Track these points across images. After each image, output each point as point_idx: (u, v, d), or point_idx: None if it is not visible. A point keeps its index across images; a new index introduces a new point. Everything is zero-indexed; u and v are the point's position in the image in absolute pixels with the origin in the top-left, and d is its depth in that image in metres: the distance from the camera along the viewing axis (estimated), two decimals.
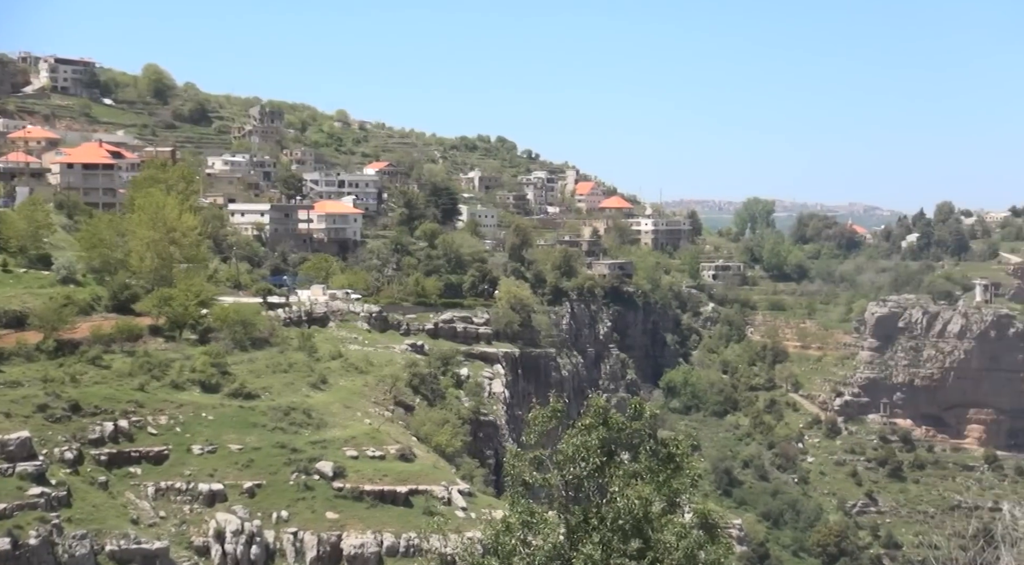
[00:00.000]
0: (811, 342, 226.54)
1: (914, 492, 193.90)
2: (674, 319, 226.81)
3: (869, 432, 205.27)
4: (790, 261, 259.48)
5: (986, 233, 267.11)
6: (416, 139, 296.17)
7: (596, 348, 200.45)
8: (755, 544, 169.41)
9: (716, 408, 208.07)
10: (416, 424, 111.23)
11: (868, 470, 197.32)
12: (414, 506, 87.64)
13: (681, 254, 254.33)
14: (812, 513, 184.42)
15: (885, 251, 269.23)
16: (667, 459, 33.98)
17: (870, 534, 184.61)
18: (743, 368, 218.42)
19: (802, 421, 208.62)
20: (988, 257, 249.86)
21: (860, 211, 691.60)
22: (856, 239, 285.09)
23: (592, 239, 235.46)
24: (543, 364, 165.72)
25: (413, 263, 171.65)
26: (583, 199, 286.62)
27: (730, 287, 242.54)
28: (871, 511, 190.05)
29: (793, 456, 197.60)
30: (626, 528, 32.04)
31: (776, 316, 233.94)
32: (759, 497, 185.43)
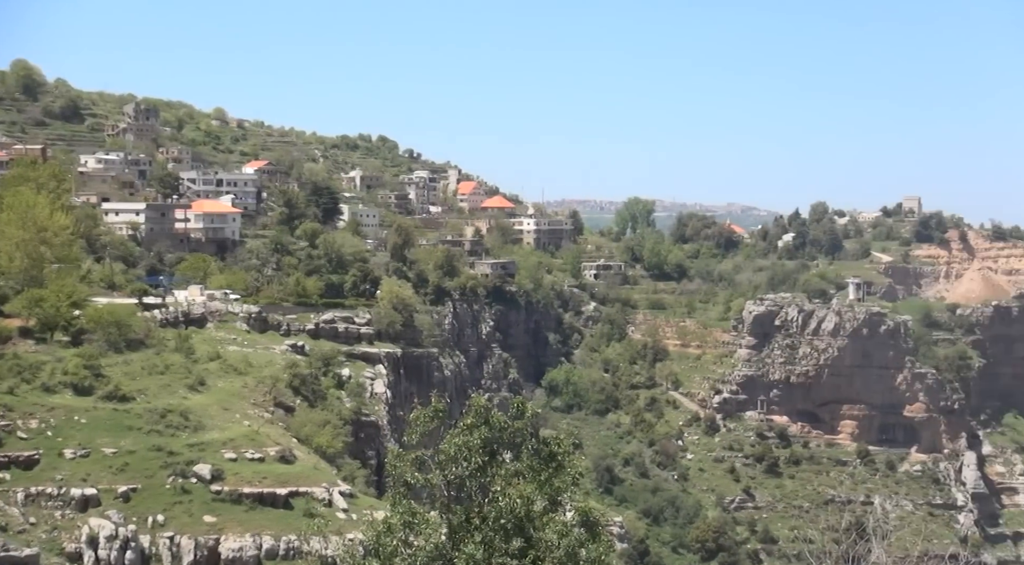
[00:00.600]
0: (691, 340, 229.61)
1: (790, 487, 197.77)
2: (556, 318, 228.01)
3: (747, 429, 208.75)
4: (670, 260, 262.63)
5: (858, 233, 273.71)
6: (296, 138, 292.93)
7: (478, 348, 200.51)
8: (635, 541, 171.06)
9: (597, 407, 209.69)
10: (296, 425, 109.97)
11: (746, 466, 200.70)
12: (294, 508, 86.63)
13: (563, 254, 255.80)
14: (691, 509, 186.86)
15: (762, 250, 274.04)
16: (549, 458, 34.08)
17: (747, 529, 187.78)
18: (624, 367, 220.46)
19: (682, 419, 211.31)
20: (860, 256, 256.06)
21: (738, 211, 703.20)
22: (734, 239, 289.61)
23: (474, 239, 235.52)
24: (425, 364, 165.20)
25: (293, 263, 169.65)
26: (465, 199, 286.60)
27: (611, 286, 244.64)
28: (748, 507, 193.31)
29: (673, 453, 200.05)
30: (508, 527, 31.99)
31: (656, 315, 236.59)
32: (639, 494, 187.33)
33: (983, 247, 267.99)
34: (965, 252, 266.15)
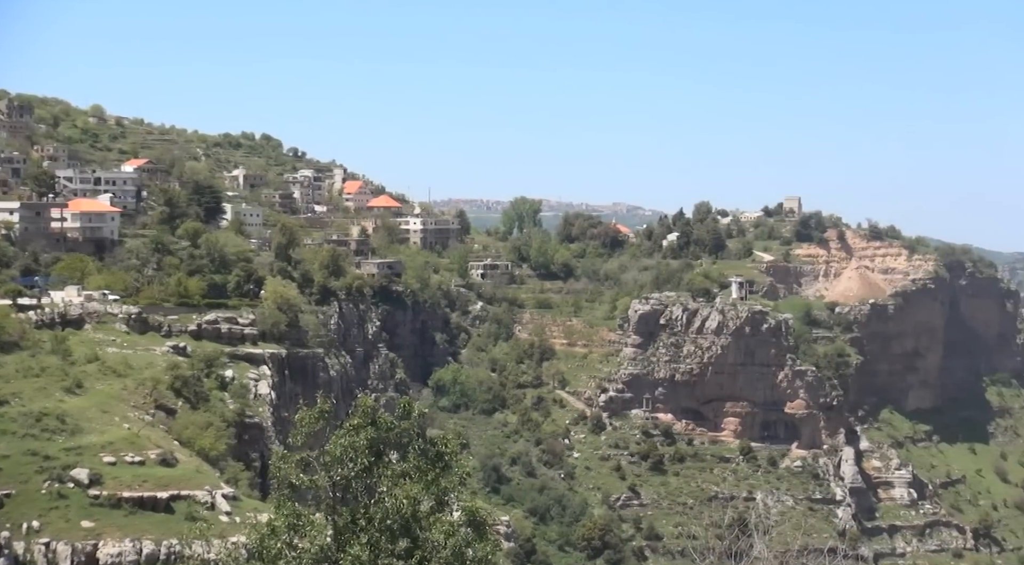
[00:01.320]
0: (577, 340, 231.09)
1: (674, 484, 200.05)
2: (443, 318, 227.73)
3: (632, 427, 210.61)
4: (557, 260, 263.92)
5: (741, 232, 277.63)
6: (177, 136, 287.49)
7: (365, 348, 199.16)
8: (522, 540, 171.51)
9: (485, 406, 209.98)
10: (178, 428, 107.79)
11: (631, 464, 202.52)
12: (175, 512, 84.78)
13: (450, 253, 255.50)
14: (578, 508, 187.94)
15: (647, 250, 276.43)
16: (436, 458, 33.96)
17: (633, 526, 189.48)
18: (511, 366, 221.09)
19: (568, 417, 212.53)
20: (743, 255, 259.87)
21: (624, 211, 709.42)
22: (620, 238, 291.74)
23: (360, 238, 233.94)
24: (311, 365, 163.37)
25: (175, 263, 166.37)
26: (351, 198, 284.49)
27: (498, 286, 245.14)
28: (634, 504, 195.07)
29: (560, 452, 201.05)
30: (394, 528, 31.81)
31: (543, 314, 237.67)
32: (526, 493, 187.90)
33: (860, 246, 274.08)
34: (843, 251, 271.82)
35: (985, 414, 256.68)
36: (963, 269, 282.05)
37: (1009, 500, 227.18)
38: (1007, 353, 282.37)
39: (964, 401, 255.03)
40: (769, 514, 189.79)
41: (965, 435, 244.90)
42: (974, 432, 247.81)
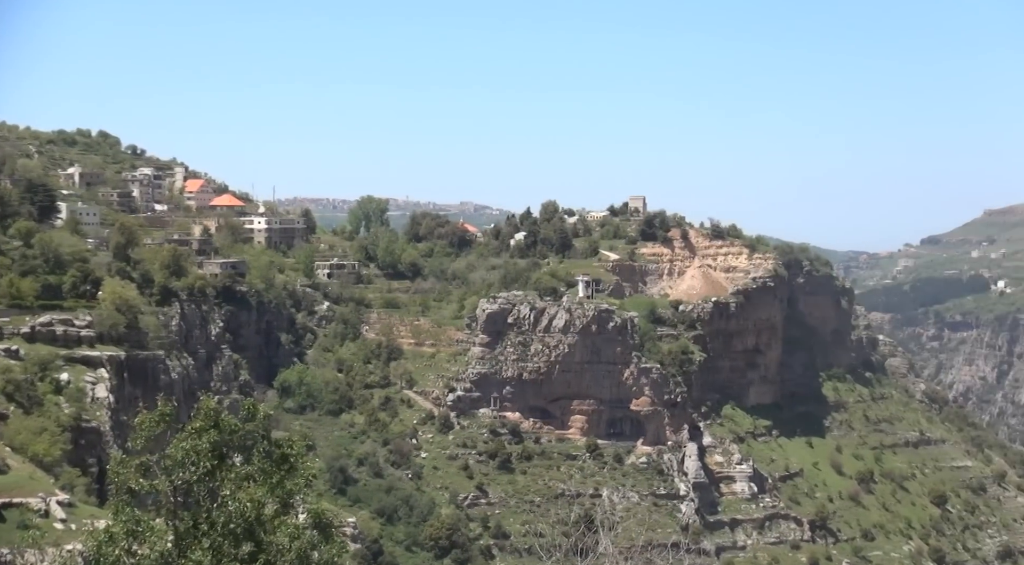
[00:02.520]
0: (425, 339, 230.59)
1: (522, 483, 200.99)
2: (289, 318, 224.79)
3: (480, 426, 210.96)
4: (404, 259, 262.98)
5: (587, 231, 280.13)
6: (8, 132, 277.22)
7: (208, 349, 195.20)
8: (369, 541, 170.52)
9: (331, 407, 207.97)
10: (10, 434, 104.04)
11: (479, 463, 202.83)
12: (7, 520, 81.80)
13: (295, 253, 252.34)
14: (425, 508, 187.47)
15: (495, 249, 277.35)
16: (281, 460, 33.50)
17: (480, 525, 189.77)
18: (358, 366, 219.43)
19: (416, 417, 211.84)
20: (589, 254, 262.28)
21: (471, 210, 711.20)
22: (467, 237, 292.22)
23: (203, 238, 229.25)
24: (151, 367, 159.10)
25: (7, 263, 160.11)
26: (193, 197, 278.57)
27: (345, 285, 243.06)
28: (482, 503, 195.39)
29: (407, 452, 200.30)
30: (237, 532, 31.33)
31: (391, 314, 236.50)
32: (374, 494, 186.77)
33: (703, 245, 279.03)
34: (687, 250, 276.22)
35: (822, 409, 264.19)
36: (801, 267, 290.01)
37: (844, 492, 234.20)
38: (842, 349, 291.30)
39: (802, 396, 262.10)
40: (615, 510, 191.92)
41: (803, 429, 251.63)
42: (811, 426, 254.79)
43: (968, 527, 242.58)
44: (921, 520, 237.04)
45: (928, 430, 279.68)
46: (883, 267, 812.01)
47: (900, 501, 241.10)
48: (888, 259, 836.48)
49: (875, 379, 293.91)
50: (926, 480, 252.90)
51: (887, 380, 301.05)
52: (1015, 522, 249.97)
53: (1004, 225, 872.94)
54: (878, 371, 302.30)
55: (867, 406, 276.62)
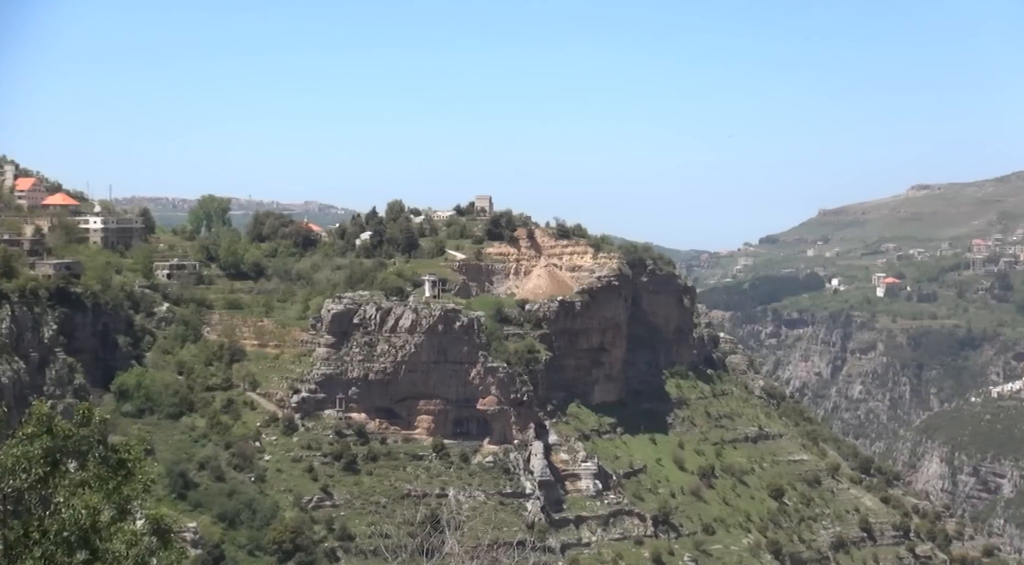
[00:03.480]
0: (269, 340, 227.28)
1: (368, 484, 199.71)
2: (127, 320, 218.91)
3: (325, 427, 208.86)
4: (247, 259, 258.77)
5: (433, 231, 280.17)
6: None
7: (40, 353, 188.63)
8: (210, 546, 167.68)
9: (171, 410, 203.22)
10: None
11: (324, 465, 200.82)
12: None
13: (133, 253, 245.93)
14: (268, 511, 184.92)
15: (340, 249, 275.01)
16: (118, 465, 32.76)
17: (325, 528, 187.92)
18: (199, 368, 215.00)
19: (259, 420, 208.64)
20: (436, 254, 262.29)
21: (316, 209, 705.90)
22: (312, 237, 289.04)
23: (35, 238, 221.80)
24: None
25: None
26: (24, 195, 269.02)
27: (186, 286, 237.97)
28: (326, 505, 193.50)
29: (250, 455, 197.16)
30: (71, 540, 30.51)
31: (233, 315, 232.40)
32: (215, 498, 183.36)
33: (549, 245, 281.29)
34: (533, 250, 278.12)
35: (665, 405, 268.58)
36: (644, 266, 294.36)
37: (686, 487, 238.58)
38: (685, 347, 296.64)
39: (646, 393, 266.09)
40: (461, 510, 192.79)
41: (647, 426, 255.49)
42: (655, 423, 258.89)
43: (804, 519, 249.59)
44: (759, 513, 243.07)
45: (767, 425, 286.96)
46: (724, 266, 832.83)
47: (740, 495, 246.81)
48: (728, 258, 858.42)
49: (716, 376, 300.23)
50: (764, 474, 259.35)
51: (728, 377, 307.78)
52: (847, 513, 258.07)
53: (837, 224, 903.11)
54: (719, 368, 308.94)
55: (708, 402, 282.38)
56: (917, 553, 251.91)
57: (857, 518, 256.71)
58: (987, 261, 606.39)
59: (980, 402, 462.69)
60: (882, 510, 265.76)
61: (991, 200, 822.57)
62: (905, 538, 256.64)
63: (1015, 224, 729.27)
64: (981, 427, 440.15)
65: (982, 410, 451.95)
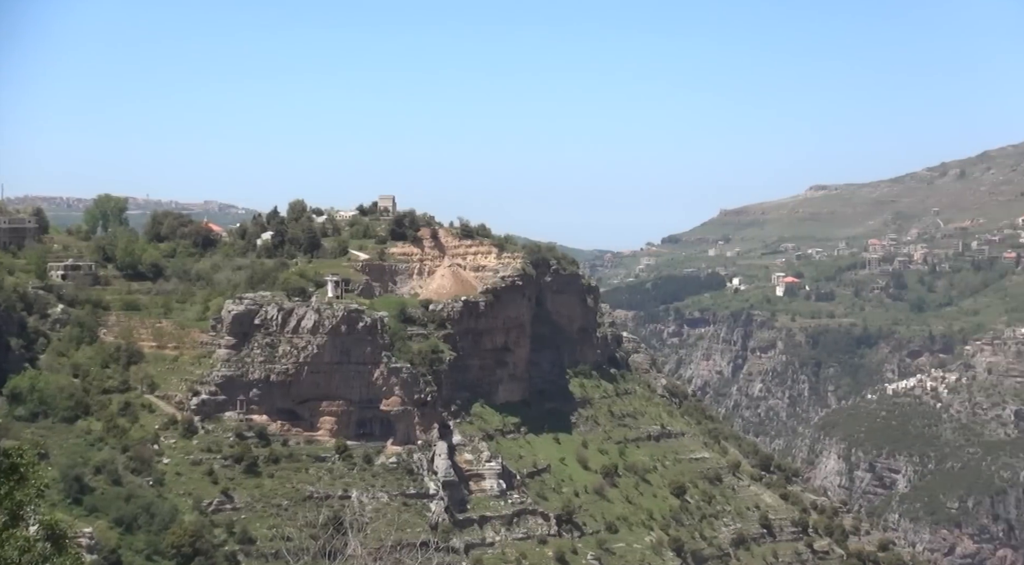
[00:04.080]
0: (167, 342, 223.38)
1: (269, 486, 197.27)
2: (19, 322, 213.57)
3: (226, 430, 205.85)
4: (145, 260, 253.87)
5: (336, 231, 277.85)
6: None
7: None
8: (107, 551, 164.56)
9: (66, 414, 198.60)
10: None
11: (225, 468, 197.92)
12: None
13: (26, 254, 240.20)
14: (167, 515, 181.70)
15: (241, 249, 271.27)
16: (10, 470, 31.81)
17: (225, 531, 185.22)
18: (96, 371, 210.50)
19: (158, 422, 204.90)
20: (339, 254, 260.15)
21: (216, 209, 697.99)
22: (212, 237, 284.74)
23: None
24: None
25: None
26: None
27: (81, 287, 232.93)
28: (227, 508, 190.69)
29: (148, 458, 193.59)
30: None
31: (131, 316, 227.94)
32: (112, 503, 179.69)
33: (453, 245, 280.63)
34: (437, 250, 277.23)
35: (569, 405, 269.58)
36: (548, 266, 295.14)
37: (589, 486, 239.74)
38: (589, 346, 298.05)
39: (550, 393, 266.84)
40: (364, 511, 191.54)
41: (550, 426, 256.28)
42: (559, 422, 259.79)
43: (705, 516, 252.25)
44: (662, 511, 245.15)
45: (669, 424, 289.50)
46: (627, 266, 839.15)
47: (642, 493, 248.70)
48: (631, 258, 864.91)
49: (619, 375, 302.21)
50: (667, 472, 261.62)
51: (631, 376, 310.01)
52: (748, 510, 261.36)
53: (738, 224, 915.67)
54: (622, 367, 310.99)
55: (612, 401, 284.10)
56: (815, 548, 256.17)
57: (757, 515, 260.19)
58: (882, 260, 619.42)
59: (876, 399, 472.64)
60: (781, 506, 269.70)
61: (886, 201, 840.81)
62: (804, 534, 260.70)
63: (909, 224, 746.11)
64: (877, 424, 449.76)
65: (878, 407, 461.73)
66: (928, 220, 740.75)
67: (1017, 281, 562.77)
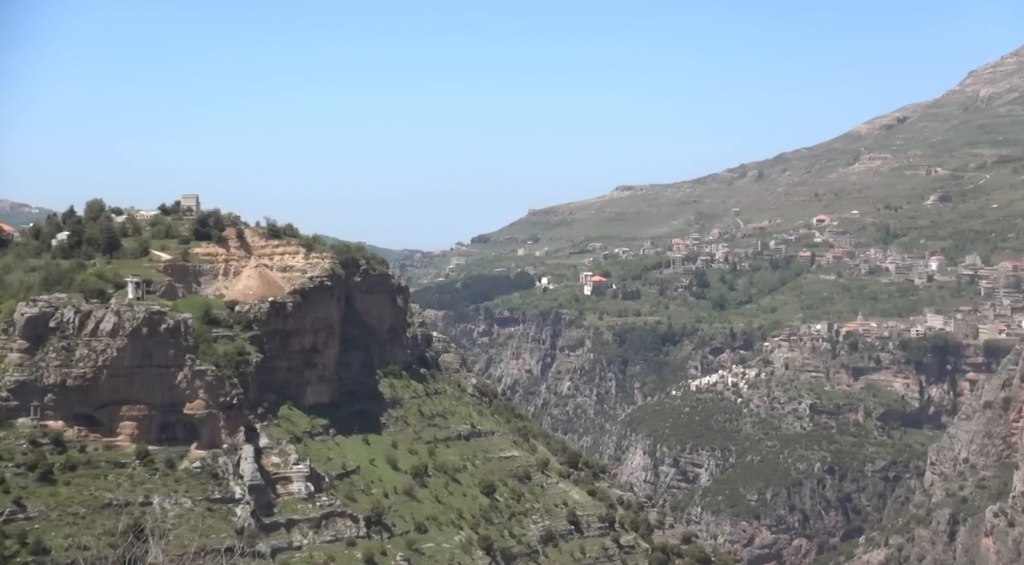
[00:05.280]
0: None
1: (65, 494, 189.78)
2: None
3: (19, 436, 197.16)
4: None
5: (137, 231, 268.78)
6: None
7: None
8: None
9: None
10: None
11: (17, 476, 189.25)
12: None
13: None
14: None
15: (35, 249, 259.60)
16: None
17: (18, 542, 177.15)
18: None
19: None
20: (140, 255, 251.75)
21: (7, 208, 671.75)
22: (3, 237, 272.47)
23: None
24: None
25: None
26: None
27: None
28: (19, 518, 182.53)
29: None
30: None
31: None
32: None
33: (259, 245, 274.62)
34: (243, 250, 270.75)
35: (379, 405, 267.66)
36: (358, 266, 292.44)
37: (399, 487, 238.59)
38: (399, 346, 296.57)
39: (359, 394, 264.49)
40: (166, 518, 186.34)
41: (360, 427, 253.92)
42: (368, 423, 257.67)
43: (515, 514, 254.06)
44: (472, 510, 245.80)
45: (479, 423, 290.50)
46: (437, 265, 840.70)
47: (452, 493, 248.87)
48: (441, 257, 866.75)
49: (430, 375, 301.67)
50: (476, 471, 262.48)
51: (441, 376, 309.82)
52: (556, 507, 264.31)
53: (546, 224, 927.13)
54: (432, 367, 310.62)
55: (422, 402, 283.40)
56: (621, 543, 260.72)
57: (565, 511, 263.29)
58: (686, 259, 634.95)
59: (680, 395, 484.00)
60: (589, 503, 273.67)
61: (689, 201, 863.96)
62: (610, 529, 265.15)
63: (711, 224, 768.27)
64: (681, 419, 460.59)
65: (682, 403, 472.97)
66: (729, 220, 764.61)
67: (812, 279, 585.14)
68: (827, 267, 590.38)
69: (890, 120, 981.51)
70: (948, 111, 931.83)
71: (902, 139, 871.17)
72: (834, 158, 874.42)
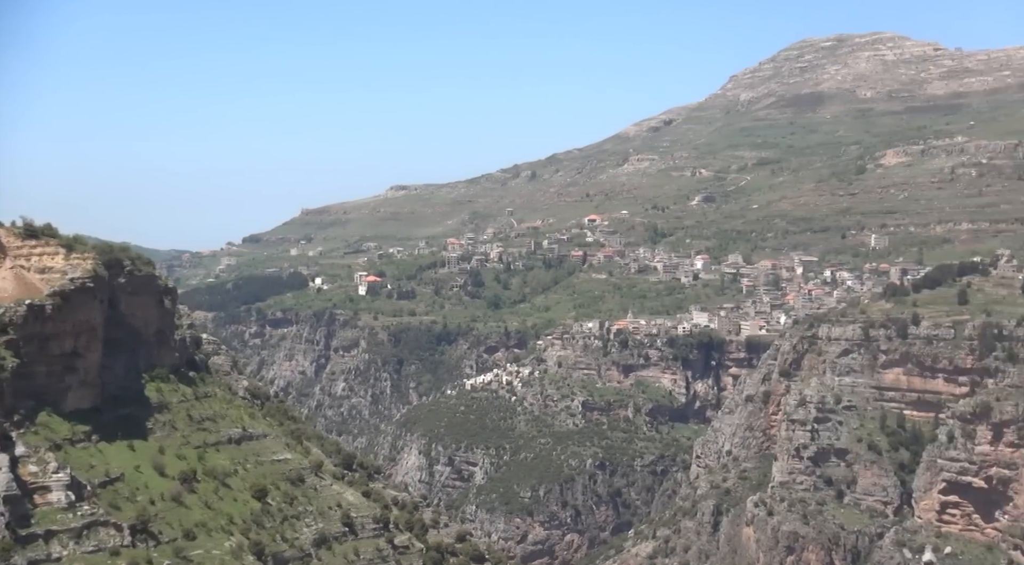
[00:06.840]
0: None
1: None
2: None
3: None
4: None
5: None
6: None
7: None
8: None
9: None
10: None
11: None
12: None
13: None
14: None
15: None
16: None
17: None
18: None
19: None
20: None
21: None
22: None
23: None
24: None
25: None
26: None
27: None
28: None
29: None
30: None
31: None
32: None
33: (16, 245, 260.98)
34: None
35: (145, 410, 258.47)
36: (122, 267, 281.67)
37: (166, 493, 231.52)
38: (166, 349, 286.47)
39: (124, 399, 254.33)
40: None
41: (125, 433, 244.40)
42: (134, 429, 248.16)
43: (287, 518, 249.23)
44: (243, 515, 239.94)
45: (251, 426, 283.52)
46: (206, 266, 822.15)
47: (223, 498, 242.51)
48: (211, 258, 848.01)
49: (199, 378, 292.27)
50: (248, 475, 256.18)
51: (211, 379, 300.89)
52: (330, 510, 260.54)
53: (320, 224, 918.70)
54: (202, 370, 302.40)
55: (191, 405, 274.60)
56: (396, 544, 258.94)
57: (339, 513, 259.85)
58: (461, 259, 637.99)
59: (455, 394, 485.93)
60: (363, 504, 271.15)
61: (463, 201, 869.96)
62: (385, 530, 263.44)
63: (485, 224, 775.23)
64: (456, 418, 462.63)
65: (457, 402, 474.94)
66: (503, 220, 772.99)
67: (584, 278, 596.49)
68: (598, 266, 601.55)
69: (657, 122, 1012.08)
70: (711, 114, 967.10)
71: (668, 141, 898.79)
72: (604, 159, 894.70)
